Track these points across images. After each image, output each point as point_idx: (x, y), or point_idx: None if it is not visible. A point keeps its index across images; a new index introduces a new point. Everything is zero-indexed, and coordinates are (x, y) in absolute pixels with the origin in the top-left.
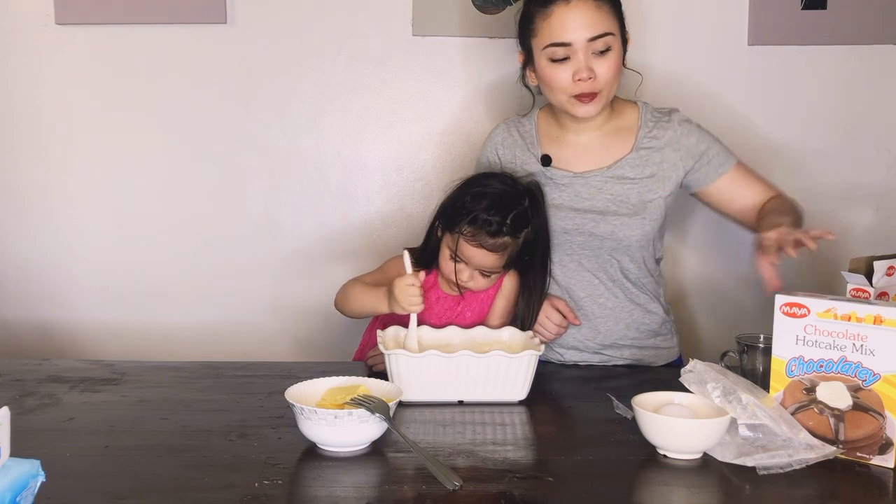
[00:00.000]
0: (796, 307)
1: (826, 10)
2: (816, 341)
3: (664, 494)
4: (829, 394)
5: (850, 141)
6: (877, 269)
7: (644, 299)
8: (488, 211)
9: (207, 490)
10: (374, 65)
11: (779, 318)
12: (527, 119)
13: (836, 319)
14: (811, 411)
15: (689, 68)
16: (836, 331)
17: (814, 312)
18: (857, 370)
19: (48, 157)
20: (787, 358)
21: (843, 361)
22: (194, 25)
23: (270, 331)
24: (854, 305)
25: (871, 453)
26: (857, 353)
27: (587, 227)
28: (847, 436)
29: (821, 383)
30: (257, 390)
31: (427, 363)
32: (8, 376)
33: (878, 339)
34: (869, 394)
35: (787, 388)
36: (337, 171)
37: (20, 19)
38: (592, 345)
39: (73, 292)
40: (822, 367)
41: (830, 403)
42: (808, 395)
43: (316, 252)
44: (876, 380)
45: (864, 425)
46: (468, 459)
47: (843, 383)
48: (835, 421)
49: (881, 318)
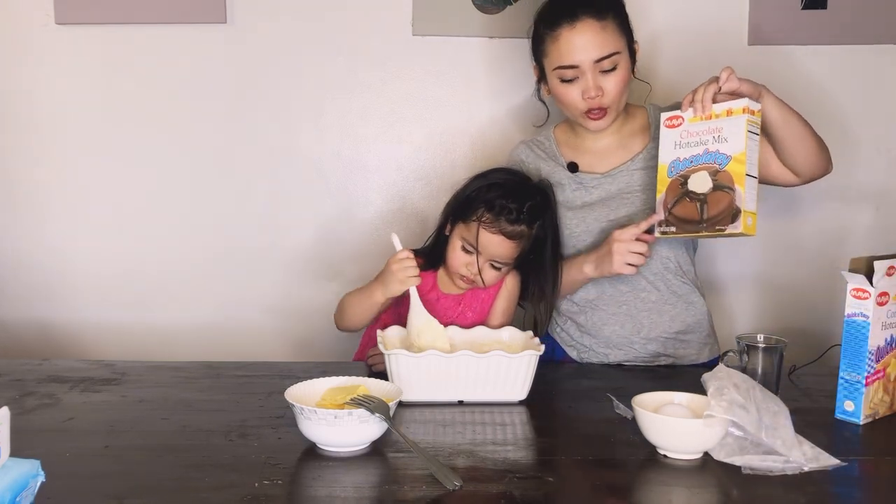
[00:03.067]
0: (675, 119)
1: (826, 10)
2: (688, 142)
3: (664, 494)
4: (696, 182)
5: (849, 141)
6: (877, 269)
7: (685, 290)
8: (506, 198)
9: (207, 490)
10: (374, 65)
11: (663, 131)
12: (543, 136)
13: (702, 120)
14: (685, 201)
15: (689, 68)
16: (701, 130)
17: (686, 120)
18: (715, 157)
19: (47, 157)
20: (669, 161)
21: (706, 153)
22: (194, 25)
23: (270, 331)
24: (714, 106)
25: (726, 224)
26: (716, 143)
27: (623, 222)
28: (709, 213)
29: (691, 175)
30: (257, 390)
31: (427, 363)
32: (8, 376)
33: (729, 127)
34: (724, 174)
35: (668, 187)
36: (337, 171)
37: (20, 19)
38: (637, 339)
39: (73, 292)
40: (691, 162)
41: (697, 190)
42: (681, 188)
43: (316, 252)
44: (728, 160)
45: (721, 202)
46: (468, 459)
47: (706, 171)
48: (700, 204)
49: (731, 111)
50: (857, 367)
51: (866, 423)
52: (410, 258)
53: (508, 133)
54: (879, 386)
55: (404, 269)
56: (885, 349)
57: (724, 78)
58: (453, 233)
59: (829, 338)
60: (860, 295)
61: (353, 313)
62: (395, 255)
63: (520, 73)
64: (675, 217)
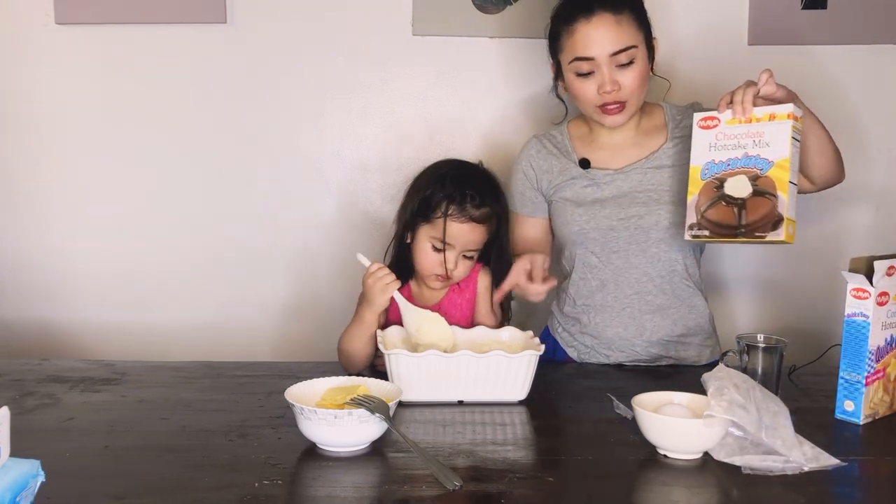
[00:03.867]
0: (710, 119)
1: (826, 10)
2: (725, 145)
3: (664, 494)
4: (734, 186)
5: (850, 141)
6: (877, 269)
7: (689, 292)
8: (465, 186)
9: (207, 490)
10: (374, 65)
11: (696, 132)
12: (557, 131)
13: (740, 123)
14: (720, 205)
15: (689, 68)
16: (739, 133)
17: (723, 122)
18: (755, 162)
19: (48, 157)
20: (702, 164)
21: (746, 157)
22: (194, 25)
23: (270, 331)
24: (755, 109)
25: (766, 231)
26: (756, 147)
27: (633, 221)
28: (748, 219)
29: (728, 179)
30: (257, 390)
31: (427, 363)
32: (8, 376)
33: (772, 132)
34: (766, 179)
35: (702, 189)
36: (337, 171)
37: (20, 19)
38: (640, 342)
39: (73, 292)
40: (728, 165)
41: (735, 194)
42: (717, 192)
43: (315, 252)
44: (770, 166)
45: (761, 208)
46: (468, 459)
47: (745, 175)
48: (738, 209)
49: (774, 115)
50: (857, 367)
51: (866, 423)
52: (383, 268)
53: (509, 133)
54: (879, 386)
55: (380, 279)
56: (885, 349)
57: (764, 80)
58: (417, 237)
59: (829, 338)
60: (860, 295)
61: (354, 347)
62: (367, 271)
63: (520, 72)
64: (709, 221)
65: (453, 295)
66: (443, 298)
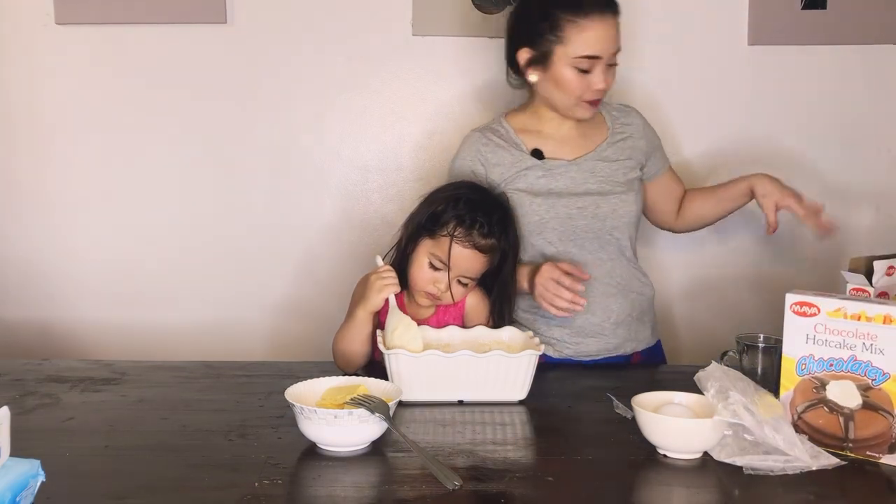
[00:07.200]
0: (806, 306)
1: (826, 10)
2: (826, 340)
3: (664, 494)
4: (840, 392)
5: (850, 141)
6: (877, 269)
7: (638, 274)
8: (477, 212)
9: (207, 490)
10: (374, 65)
11: (789, 317)
12: (497, 124)
13: (847, 319)
14: (821, 410)
15: (689, 68)
16: (846, 330)
17: (824, 312)
18: (866, 369)
19: (48, 157)
20: (798, 357)
21: (854, 360)
22: (194, 25)
23: (270, 331)
24: (864, 305)
25: (882, 452)
26: (867, 352)
27: (590, 210)
28: (857, 434)
29: (831, 382)
30: (257, 390)
31: (427, 363)
32: (8, 376)
33: (888, 338)
34: (879, 393)
35: (798, 386)
36: (337, 171)
37: (20, 19)
38: (608, 325)
39: (73, 292)
40: (832, 365)
41: (840, 402)
42: (817, 394)
43: (316, 252)
44: (885, 379)
45: (874, 424)
46: (468, 459)
47: (853, 382)
48: (844, 420)
49: (891, 318)
50: None
51: None
52: (391, 270)
53: None
54: None
55: (382, 278)
56: None
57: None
58: (418, 249)
59: None
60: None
61: (347, 345)
62: (376, 270)
63: None
64: (808, 425)
65: (441, 315)
66: (430, 318)
